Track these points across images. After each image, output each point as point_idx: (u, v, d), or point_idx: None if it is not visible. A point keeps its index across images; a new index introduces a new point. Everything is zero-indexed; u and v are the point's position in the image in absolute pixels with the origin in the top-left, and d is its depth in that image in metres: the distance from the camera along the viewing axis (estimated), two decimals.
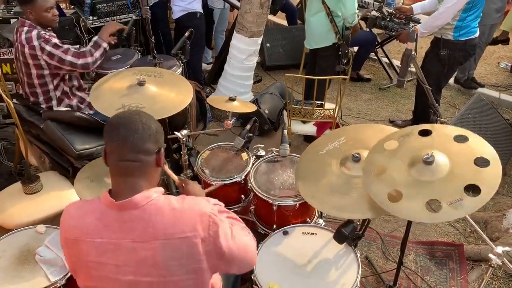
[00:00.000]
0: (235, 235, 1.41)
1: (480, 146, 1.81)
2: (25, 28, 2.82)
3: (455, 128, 1.92)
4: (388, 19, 4.37)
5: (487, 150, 1.78)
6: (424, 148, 1.86)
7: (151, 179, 1.38)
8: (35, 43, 2.77)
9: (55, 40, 2.85)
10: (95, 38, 3.05)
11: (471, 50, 3.57)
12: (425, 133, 1.94)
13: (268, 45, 5.21)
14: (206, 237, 1.31)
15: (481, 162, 1.75)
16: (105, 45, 3.03)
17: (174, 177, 1.83)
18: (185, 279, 1.33)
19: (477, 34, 3.54)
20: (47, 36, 2.82)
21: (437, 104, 2.04)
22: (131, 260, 1.30)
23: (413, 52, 1.74)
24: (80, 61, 2.89)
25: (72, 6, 4.72)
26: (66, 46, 2.89)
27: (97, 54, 2.97)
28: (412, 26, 4.04)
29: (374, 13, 4.50)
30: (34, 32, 2.80)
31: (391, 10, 4.41)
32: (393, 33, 4.36)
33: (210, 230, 1.32)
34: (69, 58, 2.85)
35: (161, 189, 1.38)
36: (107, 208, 1.33)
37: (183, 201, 1.36)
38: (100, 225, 1.32)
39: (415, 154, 1.86)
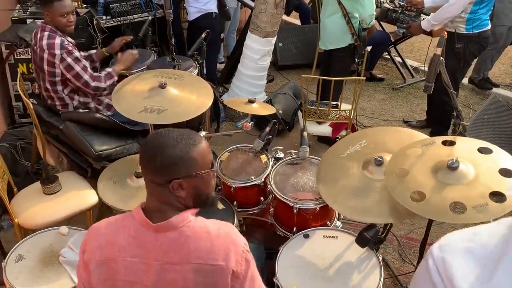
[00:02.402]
0: (258, 278, 1.38)
1: (505, 158, 1.83)
2: (46, 33, 2.82)
3: (480, 141, 1.93)
4: (399, 11, 4.41)
5: None
6: (448, 156, 1.86)
7: (176, 203, 1.33)
8: (57, 52, 2.78)
9: (77, 54, 2.87)
10: (109, 69, 3.04)
11: (485, 42, 3.64)
12: (448, 143, 1.95)
13: (280, 44, 5.20)
14: (236, 272, 1.29)
15: (506, 173, 1.75)
16: (115, 78, 3.03)
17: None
18: None
19: (489, 27, 3.59)
20: (70, 48, 2.83)
21: (459, 108, 2.04)
22: (160, 281, 1.29)
23: (441, 58, 1.73)
24: (94, 84, 2.91)
25: (85, 5, 4.73)
26: (84, 62, 2.91)
27: (108, 82, 2.98)
28: (423, 19, 4.05)
29: (385, 5, 4.52)
30: (58, 41, 2.81)
31: (402, 3, 4.43)
32: (404, 25, 4.41)
33: (241, 266, 1.30)
34: (86, 77, 2.88)
35: (194, 211, 1.36)
36: (142, 227, 1.31)
37: (218, 226, 1.34)
38: (134, 243, 1.30)
39: (439, 160, 1.87)
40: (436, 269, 0.76)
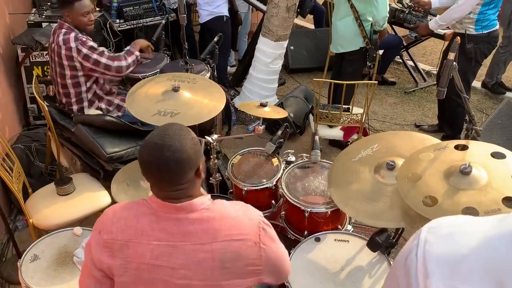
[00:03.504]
0: (278, 243, 1.46)
1: None
2: (63, 30, 2.90)
3: (493, 146, 1.91)
4: (406, 11, 4.46)
5: None
6: (460, 161, 1.85)
7: (195, 190, 1.40)
8: (72, 44, 2.85)
9: (91, 43, 2.93)
10: (128, 47, 3.13)
11: (494, 42, 3.68)
12: (461, 147, 1.94)
13: (292, 48, 5.21)
14: (257, 241, 1.36)
15: None
16: (137, 53, 3.12)
17: None
18: (236, 284, 1.35)
19: (497, 26, 3.64)
20: (84, 39, 2.90)
21: (472, 113, 2.03)
22: (188, 262, 1.32)
23: (454, 63, 1.73)
24: (116, 64, 2.97)
25: (99, 9, 4.80)
26: (101, 48, 2.96)
27: (129, 59, 3.06)
28: (430, 19, 4.05)
29: (393, 5, 4.54)
30: (72, 34, 2.88)
31: (410, 3, 4.46)
32: (411, 25, 4.46)
33: (260, 235, 1.37)
34: (104, 60, 2.92)
35: (208, 196, 1.42)
36: (163, 212, 1.34)
37: (235, 206, 1.41)
38: (157, 228, 1.33)
39: (452, 164, 1.85)
40: (416, 247, 0.79)
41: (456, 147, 1.96)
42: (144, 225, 1.34)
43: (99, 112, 3.17)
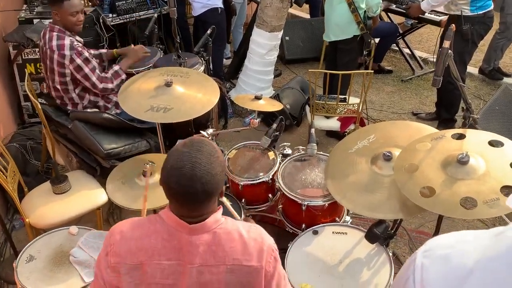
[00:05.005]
0: (284, 276, 1.43)
1: None
2: (55, 34, 2.82)
3: (490, 134, 1.89)
4: None
5: None
6: (457, 150, 1.83)
7: (214, 207, 1.36)
8: (67, 52, 2.80)
9: (86, 54, 2.88)
10: (116, 67, 3.03)
11: (490, 22, 3.67)
12: (458, 136, 1.91)
13: (287, 38, 5.16)
14: (268, 271, 1.33)
15: None
16: (123, 76, 3.02)
17: None
18: None
19: (492, 6, 3.63)
20: (79, 49, 2.84)
21: (470, 101, 2.00)
22: (195, 284, 1.30)
23: (449, 51, 1.70)
24: (102, 85, 2.93)
25: (91, 4, 4.74)
26: (93, 63, 2.91)
27: (115, 83, 2.98)
28: (422, 0, 4.02)
29: None
30: (67, 41, 2.82)
31: None
32: (403, 6, 4.45)
33: (270, 264, 1.34)
34: (93, 79, 2.90)
35: (221, 209, 1.38)
36: (176, 230, 1.30)
37: (249, 229, 1.37)
38: (169, 246, 1.29)
39: (449, 154, 1.84)
40: (413, 274, 0.77)
41: (454, 136, 1.93)
42: (155, 244, 1.30)
43: (96, 110, 3.13)
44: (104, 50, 3.36)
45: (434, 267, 0.75)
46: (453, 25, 1.86)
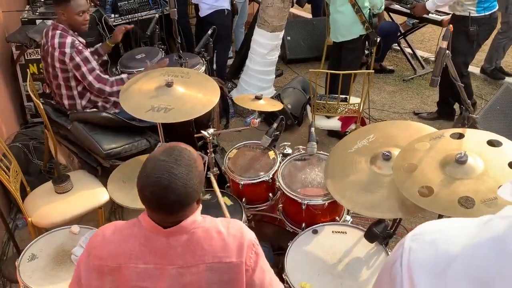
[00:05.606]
0: (268, 271, 1.41)
1: None
2: (58, 32, 2.84)
3: (489, 133, 1.89)
4: None
5: None
6: (456, 150, 1.84)
7: (191, 213, 1.33)
8: (67, 50, 2.81)
9: (87, 54, 2.89)
10: (124, 76, 3.01)
11: (495, 22, 3.69)
12: (457, 136, 1.92)
13: (288, 38, 5.17)
14: (249, 265, 1.32)
15: None
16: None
17: None
18: None
19: (497, 8, 3.63)
20: (80, 47, 2.85)
21: (469, 100, 2.01)
22: (175, 285, 1.29)
23: (447, 51, 1.71)
24: (98, 86, 2.90)
25: (93, 5, 4.76)
26: (93, 63, 2.92)
27: (114, 89, 2.94)
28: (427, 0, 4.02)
29: None
30: (69, 40, 2.83)
31: None
32: (408, 5, 4.45)
33: (251, 259, 1.33)
34: (90, 78, 2.88)
35: (200, 208, 1.36)
36: (152, 233, 1.30)
37: (228, 225, 1.36)
38: (146, 250, 1.29)
39: (448, 154, 1.84)
40: (401, 256, 0.78)
41: (453, 135, 1.94)
42: (132, 247, 1.30)
43: (95, 110, 3.15)
44: (99, 45, 3.36)
45: (421, 251, 0.77)
46: (451, 25, 1.87)
